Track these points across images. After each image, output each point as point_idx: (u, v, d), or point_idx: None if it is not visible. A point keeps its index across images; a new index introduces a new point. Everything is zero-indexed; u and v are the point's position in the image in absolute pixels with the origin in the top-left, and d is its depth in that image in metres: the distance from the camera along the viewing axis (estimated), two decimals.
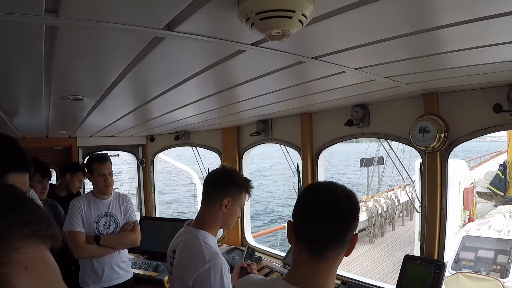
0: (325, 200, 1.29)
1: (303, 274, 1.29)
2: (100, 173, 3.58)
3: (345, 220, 1.28)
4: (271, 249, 4.88)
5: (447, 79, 2.50)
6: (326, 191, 1.32)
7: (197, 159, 5.89)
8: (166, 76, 2.11)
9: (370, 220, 16.16)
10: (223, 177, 2.18)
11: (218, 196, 2.13)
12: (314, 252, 1.27)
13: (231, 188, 2.16)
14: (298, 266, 1.32)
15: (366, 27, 1.45)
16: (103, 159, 3.64)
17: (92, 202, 3.62)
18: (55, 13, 1.16)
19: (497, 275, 7.76)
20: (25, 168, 1.31)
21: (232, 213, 2.19)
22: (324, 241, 1.27)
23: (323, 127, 3.96)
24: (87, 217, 3.55)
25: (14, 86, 2.20)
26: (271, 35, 1.12)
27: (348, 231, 1.28)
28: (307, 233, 1.30)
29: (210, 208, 2.15)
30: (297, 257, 1.32)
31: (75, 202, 3.59)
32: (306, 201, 1.36)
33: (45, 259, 0.60)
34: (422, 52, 1.82)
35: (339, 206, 1.28)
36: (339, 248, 1.29)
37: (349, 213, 1.29)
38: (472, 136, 2.88)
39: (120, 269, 3.68)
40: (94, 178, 3.61)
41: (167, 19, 1.26)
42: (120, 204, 3.74)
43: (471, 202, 13.25)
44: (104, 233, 3.58)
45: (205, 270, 1.90)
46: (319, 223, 1.27)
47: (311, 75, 2.28)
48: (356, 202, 1.33)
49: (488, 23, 1.36)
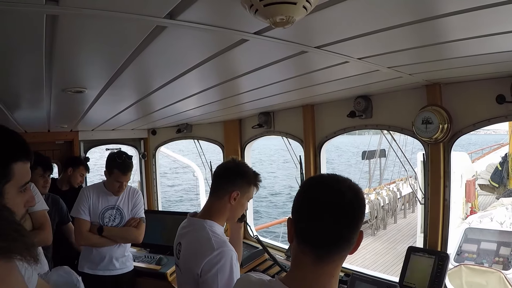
0: (330, 199, 1.18)
1: (305, 278, 1.20)
2: (119, 180, 3.56)
3: (353, 221, 1.20)
4: (273, 242, 4.89)
5: (450, 69, 2.49)
6: (331, 187, 1.21)
7: (199, 152, 5.88)
8: (168, 66, 2.10)
9: (372, 212, 16.18)
10: (233, 170, 2.20)
11: (227, 188, 2.14)
12: (319, 255, 1.19)
13: (240, 181, 2.17)
14: (300, 269, 1.23)
15: (369, 15, 1.43)
16: (126, 169, 3.57)
17: (102, 194, 3.64)
18: (55, 2, 1.15)
19: (500, 267, 7.76)
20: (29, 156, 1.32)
21: (240, 206, 2.20)
22: (330, 244, 1.19)
23: (325, 119, 3.94)
24: (94, 207, 3.59)
25: (15, 78, 2.19)
26: (275, 21, 1.10)
27: (356, 230, 1.20)
28: (311, 235, 1.20)
29: (218, 200, 2.16)
30: (299, 260, 1.23)
31: (85, 190, 3.66)
32: (308, 198, 1.25)
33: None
34: (425, 41, 1.81)
35: (346, 205, 1.18)
36: (346, 249, 1.21)
37: (356, 213, 1.20)
38: (475, 127, 2.87)
39: (118, 262, 3.71)
40: (110, 179, 3.59)
41: (169, 7, 1.24)
42: (130, 198, 3.75)
43: (473, 195, 13.26)
44: (109, 225, 3.61)
45: (213, 257, 1.90)
46: (324, 225, 1.17)
47: (314, 65, 2.26)
48: (363, 198, 1.23)
49: (492, 11, 1.34)
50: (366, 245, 14.63)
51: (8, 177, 1.23)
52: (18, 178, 1.26)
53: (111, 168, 3.55)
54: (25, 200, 1.32)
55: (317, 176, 1.33)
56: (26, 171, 1.32)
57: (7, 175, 1.23)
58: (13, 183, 1.25)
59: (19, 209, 1.29)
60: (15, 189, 1.25)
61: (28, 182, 1.33)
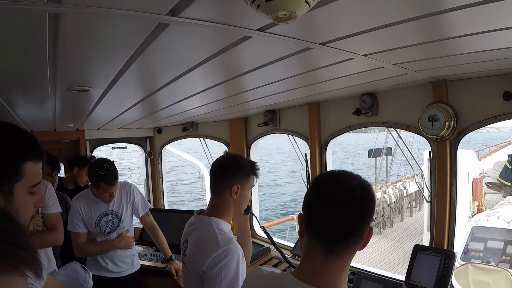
0: (341, 194, 1.20)
1: (315, 271, 1.22)
2: (107, 191, 3.42)
3: (363, 216, 1.21)
4: (280, 240, 4.88)
5: (456, 66, 2.46)
6: (341, 183, 1.23)
7: (205, 151, 5.89)
8: (172, 64, 2.09)
9: (379, 210, 16.11)
10: (228, 164, 2.18)
11: (227, 183, 2.12)
12: (329, 249, 1.21)
13: (237, 174, 2.14)
14: (310, 262, 1.25)
15: (374, 11, 1.42)
16: (112, 179, 3.38)
17: (92, 203, 3.52)
18: (57, 0, 1.15)
19: (507, 266, 7.74)
20: (41, 156, 1.30)
21: (243, 198, 2.18)
22: (341, 238, 1.20)
23: (331, 116, 3.93)
24: (87, 217, 3.51)
25: (19, 77, 2.20)
26: (277, 17, 1.09)
27: (366, 226, 1.22)
28: (322, 229, 1.22)
29: (220, 197, 2.14)
30: (309, 253, 1.25)
31: (74, 203, 3.54)
32: (319, 193, 1.27)
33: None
34: (431, 37, 1.79)
35: (356, 200, 1.20)
36: (356, 244, 1.23)
37: (366, 209, 1.22)
38: (481, 124, 2.84)
39: (124, 264, 3.72)
40: (98, 192, 3.44)
41: (171, 4, 1.24)
42: (122, 197, 3.66)
43: (480, 193, 13.19)
44: (107, 231, 3.59)
45: (219, 254, 1.89)
46: (335, 219, 1.19)
47: (319, 62, 2.25)
48: (373, 194, 1.26)
49: (498, 5, 1.32)
50: (373, 243, 14.58)
51: (18, 176, 1.20)
52: (29, 178, 1.24)
53: (96, 181, 3.39)
54: (36, 200, 1.30)
55: (328, 172, 1.35)
56: (38, 171, 1.29)
57: (17, 174, 1.20)
58: (23, 183, 1.22)
59: (28, 209, 1.27)
60: (25, 189, 1.23)
61: (39, 182, 1.31)
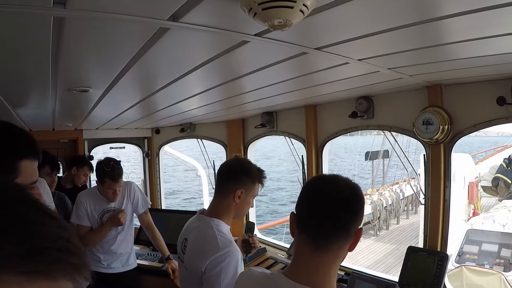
0: (329, 193, 1.28)
1: (303, 267, 1.28)
2: (111, 188, 3.57)
3: (350, 213, 1.26)
4: (275, 241, 4.91)
5: (450, 71, 2.50)
6: (330, 184, 1.31)
7: (202, 151, 5.91)
8: (171, 67, 2.13)
9: (375, 213, 16.14)
10: (236, 168, 2.17)
11: (231, 187, 2.12)
12: (317, 244, 1.26)
13: (244, 179, 2.14)
14: (300, 258, 1.30)
15: (368, 18, 1.46)
16: (116, 176, 3.54)
17: (97, 200, 3.67)
18: (63, 5, 1.18)
19: (501, 269, 7.75)
20: (37, 155, 1.30)
21: (245, 203, 2.18)
22: (328, 234, 1.25)
23: (327, 119, 3.97)
24: (91, 212, 3.64)
25: (21, 77, 2.22)
26: (273, 24, 1.14)
27: (353, 225, 1.27)
28: (310, 225, 1.28)
29: (223, 199, 2.14)
30: (299, 249, 1.31)
31: (80, 197, 3.68)
32: (309, 193, 1.35)
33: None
34: (426, 43, 1.83)
35: (343, 199, 1.26)
36: (343, 242, 1.27)
37: (353, 206, 1.27)
38: (476, 129, 2.88)
39: (121, 261, 3.79)
40: (103, 188, 3.60)
41: (172, 10, 1.27)
42: (125, 195, 3.77)
43: (476, 196, 13.21)
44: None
45: (218, 256, 1.91)
46: (323, 215, 1.25)
47: (315, 66, 2.29)
48: (361, 195, 1.32)
49: (493, 13, 1.36)
50: (369, 245, 14.63)
51: (14, 174, 1.20)
52: (25, 176, 1.24)
53: (102, 177, 3.55)
54: None
55: (319, 175, 1.42)
56: (33, 169, 1.29)
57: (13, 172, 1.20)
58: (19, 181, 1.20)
59: None
60: None
61: (35, 181, 1.31)
